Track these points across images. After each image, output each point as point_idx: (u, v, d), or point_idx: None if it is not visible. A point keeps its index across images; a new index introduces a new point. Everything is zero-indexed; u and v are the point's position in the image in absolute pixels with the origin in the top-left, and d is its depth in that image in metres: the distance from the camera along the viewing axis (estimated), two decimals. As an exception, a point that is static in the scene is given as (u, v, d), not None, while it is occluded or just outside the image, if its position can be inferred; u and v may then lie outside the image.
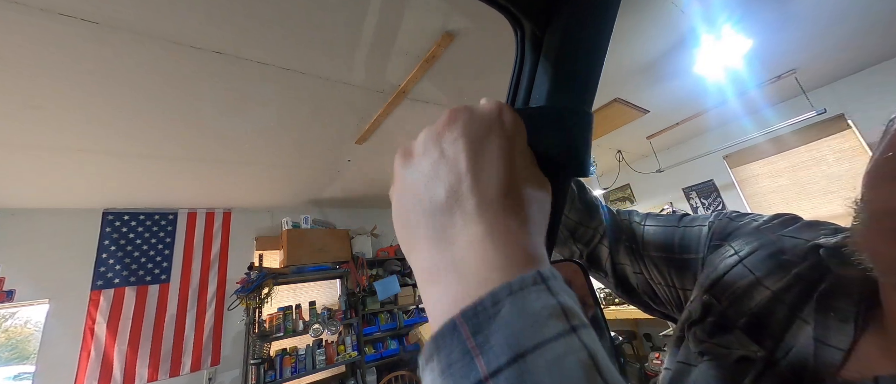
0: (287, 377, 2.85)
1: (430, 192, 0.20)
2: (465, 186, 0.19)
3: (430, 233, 0.19)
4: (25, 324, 6.79)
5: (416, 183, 0.22)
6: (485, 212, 0.18)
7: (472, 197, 0.19)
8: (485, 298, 0.14)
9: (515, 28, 0.31)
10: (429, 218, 0.20)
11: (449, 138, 0.22)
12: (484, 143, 0.21)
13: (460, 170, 0.20)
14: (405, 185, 0.23)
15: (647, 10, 1.68)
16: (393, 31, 1.54)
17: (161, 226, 3.13)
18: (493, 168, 0.20)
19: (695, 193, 3.80)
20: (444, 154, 0.21)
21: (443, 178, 0.20)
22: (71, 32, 1.28)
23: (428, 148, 0.22)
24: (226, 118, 1.99)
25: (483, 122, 0.22)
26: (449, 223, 0.19)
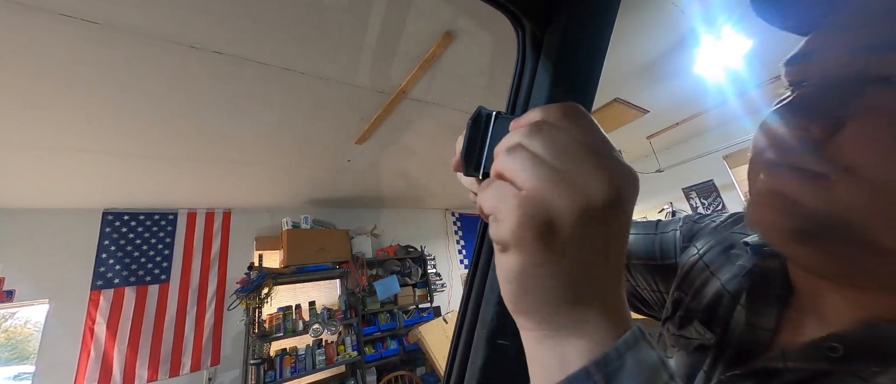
0: (287, 377, 2.85)
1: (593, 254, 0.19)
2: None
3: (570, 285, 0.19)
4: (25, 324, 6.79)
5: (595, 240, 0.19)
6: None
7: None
8: (610, 352, 0.17)
9: (516, 28, 0.31)
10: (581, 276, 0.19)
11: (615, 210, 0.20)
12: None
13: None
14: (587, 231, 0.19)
15: (647, 10, 1.68)
16: (393, 32, 1.54)
17: (161, 226, 3.13)
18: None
19: (695, 193, 3.80)
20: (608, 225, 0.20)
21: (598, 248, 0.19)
22: (71, 32, 1.28)
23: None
24: (226, 118, 1.99)
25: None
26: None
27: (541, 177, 0.18)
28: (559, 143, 0.19)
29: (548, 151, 0.19)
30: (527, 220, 0.18)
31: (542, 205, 0.18)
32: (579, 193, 0.18)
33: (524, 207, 0.18)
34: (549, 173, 0.18)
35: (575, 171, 0.18)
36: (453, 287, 4.62)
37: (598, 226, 0.18)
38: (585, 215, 0.18)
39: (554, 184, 0.18)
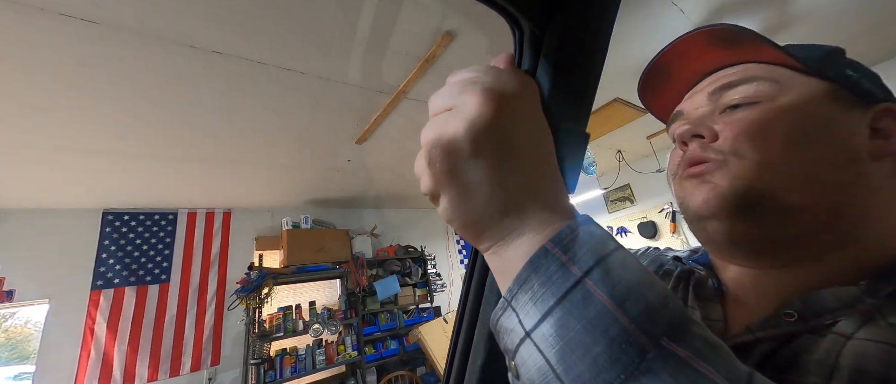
0: (287, 377, 2.86)
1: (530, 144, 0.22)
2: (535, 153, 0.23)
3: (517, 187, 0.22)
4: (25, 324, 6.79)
5: (526, 132, 0.22)
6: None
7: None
8: (563, 229, 0.19)
9: (514, 29, 0.31)
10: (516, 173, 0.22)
11: (513, 103, 0.23)
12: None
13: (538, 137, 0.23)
14: (519, 125, 0.22)
15: (647, 10, 1.68)
16: (393, 33, 1.54)
17: (161, 226, 3.14)
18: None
19: (695, 193, 3.79)
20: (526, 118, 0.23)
21: (535, 138, 0.23)
22: (71, 32, 1.28)
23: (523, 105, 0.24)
24: (226, 118, 1.99)
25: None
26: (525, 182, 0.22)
27: (434, 123, 0.22)
28: (443, 91, 0.23)
29: (437, 104, 0.23)
30: (433, 160, 0.21)
31: (437, 146, 0.21)
32: (459, 117, 0.21)
33: (427, 155, 0.21)
34: (438, 119, 0.22)
35: (455, 103, 0.21)
36: (453, 287, 4.62)
37: (492, 135, 0.20)
38: (471, 128, 0.20)
39: (443, 121, 0.21)
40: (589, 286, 0.17)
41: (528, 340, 0.18)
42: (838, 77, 0.33)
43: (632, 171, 3.93)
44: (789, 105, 0.31)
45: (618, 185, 4.33)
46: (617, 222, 4.39)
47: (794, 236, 0.30)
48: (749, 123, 0.32)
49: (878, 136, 0.31)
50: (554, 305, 0.17)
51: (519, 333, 0.18)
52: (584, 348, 0.16)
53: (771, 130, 0.31)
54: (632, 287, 0.17)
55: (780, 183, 0.30)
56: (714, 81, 0.36)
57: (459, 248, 5.01)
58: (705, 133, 0.34)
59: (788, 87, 0.32)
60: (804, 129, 0.31)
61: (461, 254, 4.98)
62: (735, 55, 0.36)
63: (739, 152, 0.31)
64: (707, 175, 0.33)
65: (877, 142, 0.31)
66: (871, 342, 0.24)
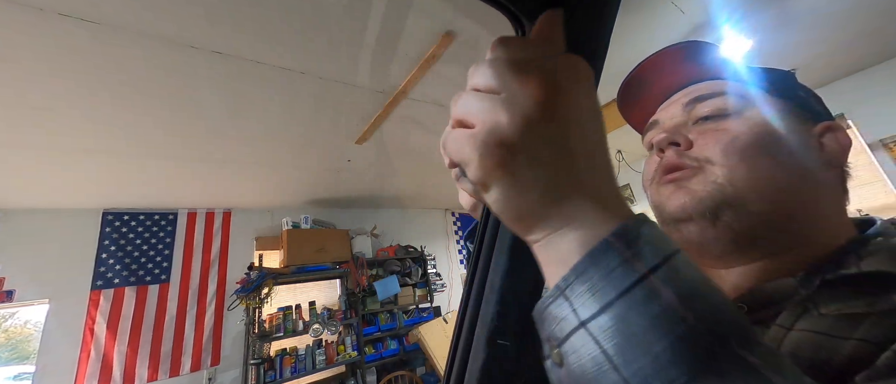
0: (287, 377, 2.85)
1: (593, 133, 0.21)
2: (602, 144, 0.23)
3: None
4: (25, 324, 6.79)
5: (591, 117, 0.21)
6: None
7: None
8: (627, 224, 0.19)
9: (515, 28, 0.31)
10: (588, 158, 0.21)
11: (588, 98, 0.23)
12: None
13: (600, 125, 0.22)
14: (585, 109, 0.21)
15: (647, 10, 1.68)
16: (393, 32, 1.54)
17: (161, 226, 3.14)
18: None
19: (695, 193, 3.79)
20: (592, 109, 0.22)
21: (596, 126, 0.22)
22: (71, 32, 1.28)
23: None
24: (226, 118, 1.99)
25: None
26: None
27: (483, 107, 0.20)
28: (492, 71, 0.21)
29: (484, 83, 0.21)
30: (486, 152, 0.20)
31: (492, 133, 0.19)
32: (515, 106, 0.19)
33: (479, 142, 0.20)
34: (488, 101, 0.20)
35: (508, 87, 0.20)
36: (453, 287, 4.62)
37: (549, 131, 0.19)
38: (528, 122, 0.19)
39: (494, 108, 0.20)
40: (654, 283, 0.16)
41: (583, 330, 0.17)
42: (791, 96, 0.38)
43: (632, 170, 3.93)
44: (754, 119, 0.35)
45: (618, 185, 4.34)
46: (617, 222, 4.39)
47: (756, 237, 0.34)
48: (720, 134, 0.35)
49: (825, 150, 0.36)
50: (615, 298, 0.17)
51: (571, 322, 0.18)
52: (647, 344, 0.15)
53: (740, 141, 0.34)
54: (697, 288, 0.17)
55: (748, 188, 0.33)
56: (687, 94, 0.40)
57: (459, 248, 5.01)
58: (681, 141, 0.37)
59: (753, 103, 0.36)
60: (768, 141, 0.34)
61: (461, 255, 4.98)
62: (706, 70, 0.40)
63: (713, 159, 0.34)
64: (683, 181, 0.36)
65: (825, 154, 0.36)
66: (805, 332, 0.27)
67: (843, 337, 0.25)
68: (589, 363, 0.17)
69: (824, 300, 0.28)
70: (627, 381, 0.15)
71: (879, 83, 2.61)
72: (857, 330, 0.25)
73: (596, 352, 0.17)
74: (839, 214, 0.35)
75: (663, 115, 0.42)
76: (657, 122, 0.42)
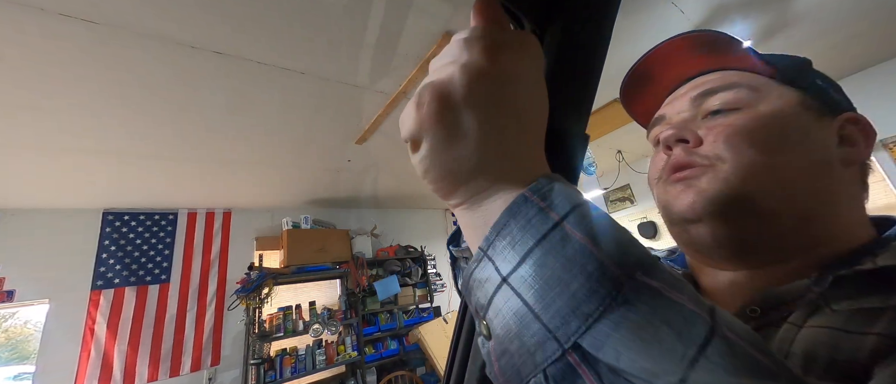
0: (287, 377, 2.85)
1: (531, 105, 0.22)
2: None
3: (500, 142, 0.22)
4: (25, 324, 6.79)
5: (526, 89, 0.22)
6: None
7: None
8: (540, 180, 0.20)
9: (515, 28, 0.31)
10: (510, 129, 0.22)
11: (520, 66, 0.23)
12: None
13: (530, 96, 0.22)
14: (513, 80, 0.21)
15: (647, 10, 1.68)
16: (393, 33, 1.54)
17: (161, 226, 3.14)
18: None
19: (695, 193, 3.79)
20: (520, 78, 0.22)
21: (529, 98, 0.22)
22: (71, 32, 1.28)
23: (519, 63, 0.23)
24: (226, 118, 1.99)
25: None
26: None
27: (430, 78, 0.21)
28: (447, 49, 0.22)
29: (438, 62, 0.22)
30: (419, 105, 0.21)
31: (429, 87, 0.20)
32: (456, 64, 0.20)
33: (416, 97, 0.21)
34: (436, 71, 0.22)
35: (454, 53, 0.21)
36: (453, 287, 4.61)
37: (487, 84, 0.20)
38: (467, 75, 0.20)
39: (438, 70, 0.21)
40: (567, 228, 0.17)
41: (505, 286, 0.18)
42: (809, 86, 0.35)
43: (632, 171, 3.93)
44: (768, 112, 0.33)
45: (618, 186, 4.33)
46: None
47: (767, 239, 0.32)
48: (732, 128, 0.33)
49: (845, 143, 0.33)
50: (533, 246, 0.17)
51: (494, 281, 0.18)
52: (563, 284, 0.16)
53: (753, 136, 0.32)
54: (604, 229, 0.17)
55: (760, 187, 0.31)
56: (695, 87, 0.37)
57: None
58: (690, 137, 0.35)
59: (766, 95, 0.34)
60: (782, 136, 0.32)
61: (461, 255, 4.97)
62: (715, 61, 0.37)
63: (723, 157, 0.32)
64: (692, 180, 0.34)
65: (845, 149, 0.33)
66: (818, 328, 0.26)
67: (860, 332, 0.24)
68: (512, 319, 0.17)
69: (836, 297, 0.27)
70: (547, 326, 0.16)
71: (879, 83, 2.62)
72: (875, 325, 0.24)
73: (518, 304, 0.17)
74: (858, 213, 0.33)
75: (670, 110, 0.40)
76: (664, 117, 0.40)
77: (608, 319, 0.15)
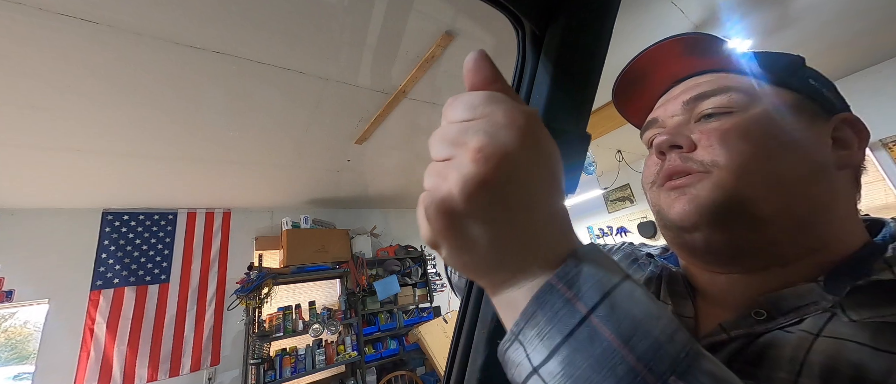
0: (287, 377, 2.85)
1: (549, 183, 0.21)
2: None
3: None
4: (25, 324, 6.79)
5: (548, 164, 0.21)
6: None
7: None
8: (568, 263, 0.19)
9: (516, 28, 0.31)
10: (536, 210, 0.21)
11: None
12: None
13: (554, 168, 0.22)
14: (539, 159, 0.20)
15: (647, 10, 1.68)
16: (393, 32, 1.54)
17: (161, 226, 3.13)
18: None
19: (694, 193, 3.79)
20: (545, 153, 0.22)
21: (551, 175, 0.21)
22: (70, 32, 1.28)
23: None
24: (226, 118, 1.99)
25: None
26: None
27: (431, 175, 0.21)
28: (444, 136, 0.21)
29: (438, 150, 0.22)
30: (428, 219, 0.20)
31: (433, 203, 0.20)
32: (454, 174, 0.20)
33: (423, 210, 0.20)
34: (437, 169, 0.21)
35: (452, 153, 0.21)
36: (449, 286, 4.61)
37: (487, 196, 0.19)
38: (466, 191, 0.19)
39: (438, 176, 0.21)
40: (595, 323, 0.17)
41: (536, 376, 0.18)
42: (802, 87, 0.34)
43: (632, 170, 3.93)
44: (762, 116, 0.32)
45: (617, 185, 4.33)
46: (616, 222, 4.39)
47: (764, 245, 0.32)
48: (725, 133, 0.32)
49: (839, 145, 0.33)
50: (561, 343, 0.17)
51: (526, 368, 0.18)
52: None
53: (746, 141, 0.32)
54: (638, 322, 0.17)
55: (756, 193, 0.31)
56: (688, 90, 0.37)
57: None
58: (684, 143, 0.34)
59: (759, 97, 0.33)
60: (777, 140, 0.32)
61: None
62: (707, 63, 0.37)
63: (718, 163, 0.32)
64: (687, 187, 0.33)
65: (839, 152, 0.33)
66: (838, 340, 0.25)
67: (890, 351, 0.23)
68: None
69: (853, 305, 0.26)
70: None
71: (879, 83, 2.62)
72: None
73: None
74: (852, 215, 0.33)
75: (662, 113, 0.39)
76: (656, 121, 0.40)
77: None
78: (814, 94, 0.34)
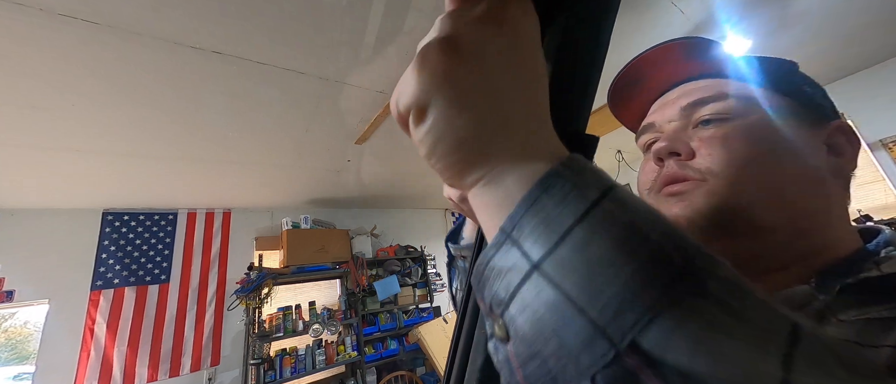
0: (287, 377, 2.85)
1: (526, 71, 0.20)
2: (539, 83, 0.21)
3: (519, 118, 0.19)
4: (25, 324, 6.79)
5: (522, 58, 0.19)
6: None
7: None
8: (574, 155, 0.17)
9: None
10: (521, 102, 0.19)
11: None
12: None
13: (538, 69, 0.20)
14: (515, 49, 0.19)
15: (647, 10, 1.68)
16: (393, 32, 1.54)
17: (161, 226, 3.13)
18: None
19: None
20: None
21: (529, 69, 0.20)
22: (70, 33, 1.28)
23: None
24: (225, 118, 1.99)
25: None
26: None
27: (433, 35, 0.19)
28: (450, 10, 0.20)
29: (441, 21, 0.20)
30: (423, 65, 0.18)
31: (434, 43, 0.18)
32: (462, 13, 0.18)
33: (419, 58, 0.18)
34: (438, 29, 0.19)
35: (460, 11, 0.19)
36: (448, 290, 4.61)
37: (507, 31, 0.18)
38: (482, 22, 0.18)
39: (440, 24, 0.19)
40: (610, 206, 0.14)
41: (536, 274, 0.14)
42: (796, 93, 0.34)
43: (632, 171, 3.93)
44: (760, 122, 0.32)
45: (618, 185, 4.34)
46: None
47: (762, 253, 0.31)
48: (724, 140, 0.32)
49: (834, 153, 0.33)
50: (573, 224, 0.14)
51: (521, 269, 0.15)
52: (614, 269, 0.13)
53: (745, 148, 0.31)
54: (649, 210, 0.15)
55: (754, 201, 0.31)
56: (685, 94, 0.37)
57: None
58: (683, 150, 0.34)
59: (756, 104, 0.33)
60: (775, 148, 0.32)
61: (461, 255, 4.98)
62: (703, 67, 0.37)
63: (716, 171, 0.32)
64: (685, 195, 0.33)
65: (834, 159, 0.33)
66: None
67: (873, 345, 0.23)
68: (546, 314, 0.14)
69: (843, 306, 0.26)
70: (595, 322, 0.13)
71: (879, 83, 2.62)
72: (890, 335, 0.23)
73: (553, 295, 0.14)
74: (845, 221, 0.34)
75: (659, 117, 0.39)
76: (653, 125, 0.39)
77: (675, 311, 0.12)
78: (807, 100, 0.34)
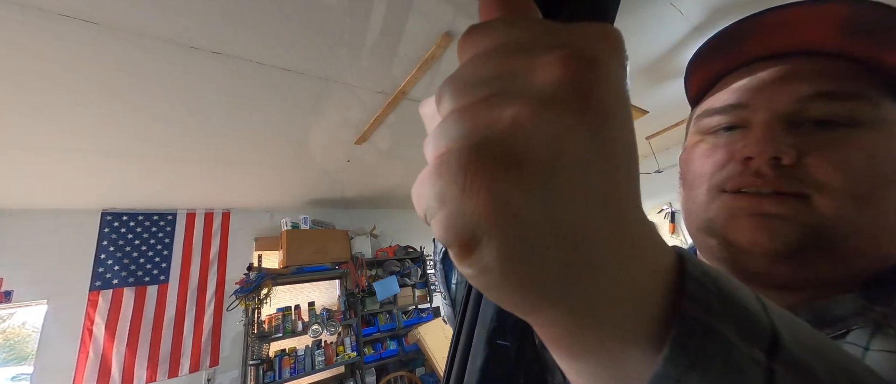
0: (286, 378, 2.85)
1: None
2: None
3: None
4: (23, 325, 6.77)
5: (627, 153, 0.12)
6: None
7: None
8: (690, 269, 0.12)
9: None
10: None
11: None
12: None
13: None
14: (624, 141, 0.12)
15: (647, 10, 1.68)
16: (393, 33, 1.54)
17: (160, 226, 3.13)
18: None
19: (694, 194, 3.78)
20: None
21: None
22: (70, 33, 1.28)
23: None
24: (225, 118, 1.99)
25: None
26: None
27: (456, 120, 0.12)
28: (467, 73, 0.12)
29: (454, 95, 0.13)
30: (468, 186, 0.11)
31: (478, 150, 0.11)
32: (521, 99, 0.11)
33: (455, 172, 0.11)
34: (468, 110, 0.12)
35: (505, 79, 0.11)
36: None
37: (580, 119, 0.11)
38: (546, 113, 0.10)
39: (477, 114, 0.11)
40: (780, 373, 0.11)
41: None
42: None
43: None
44: (891, 137, 0.27)
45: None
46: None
47: (837, 279, 0.27)
48: (849, 153, 0.26)
49: None
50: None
51: None
52: None
53: (871, 167, 0.26)
54: (822, 345, 0.12)
55: (857, 228, 0.26)
56: (806, 78, 0.28)
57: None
58: (786, 158, 0.27)
59: (887, 111, 0.27)
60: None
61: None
62: (853, 46, 0.27)
63: (826, 186, 0.26)
64: (775, 211, 0.27)
65: None
66: (886, 353, 0.23)
67: None
68: None
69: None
70: None
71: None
72: None
73: None
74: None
75: (761, 99, 0.29)
76: (745, 107, 0.30)
77: None
78: None
